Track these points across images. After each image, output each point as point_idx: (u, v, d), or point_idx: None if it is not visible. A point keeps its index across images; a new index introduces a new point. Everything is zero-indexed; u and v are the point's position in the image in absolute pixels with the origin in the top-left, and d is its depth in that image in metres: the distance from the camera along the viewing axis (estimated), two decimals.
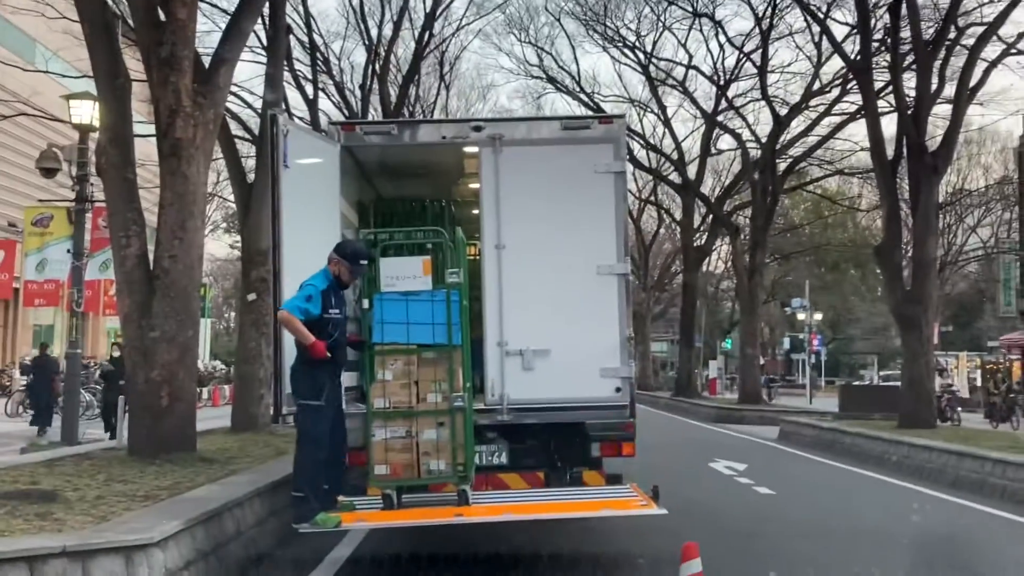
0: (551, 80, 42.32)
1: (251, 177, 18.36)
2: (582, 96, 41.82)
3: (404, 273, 8.35)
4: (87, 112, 17.46)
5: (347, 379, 9.06)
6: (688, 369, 45.51)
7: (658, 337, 76.34)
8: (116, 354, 19.08)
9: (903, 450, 17.56)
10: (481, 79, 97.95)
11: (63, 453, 12.86)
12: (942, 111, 25.20)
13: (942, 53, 23.10)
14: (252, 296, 17.18)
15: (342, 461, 8.44)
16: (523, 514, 8.24)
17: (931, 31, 23.50)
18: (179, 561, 7.27)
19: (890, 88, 25.77)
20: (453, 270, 8.47)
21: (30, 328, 44.00)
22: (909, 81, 24.57)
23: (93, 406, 26.51)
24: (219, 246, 63.22)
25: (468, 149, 10.45)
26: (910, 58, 24.56)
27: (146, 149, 15.80)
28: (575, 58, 71.81)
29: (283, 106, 21.22)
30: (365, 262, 8.49)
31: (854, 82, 29.85)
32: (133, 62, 13.87)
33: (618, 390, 9.67)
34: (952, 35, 23.42)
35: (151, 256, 12.26)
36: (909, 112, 22.30)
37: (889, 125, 25.22)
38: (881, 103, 26.78)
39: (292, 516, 7.89)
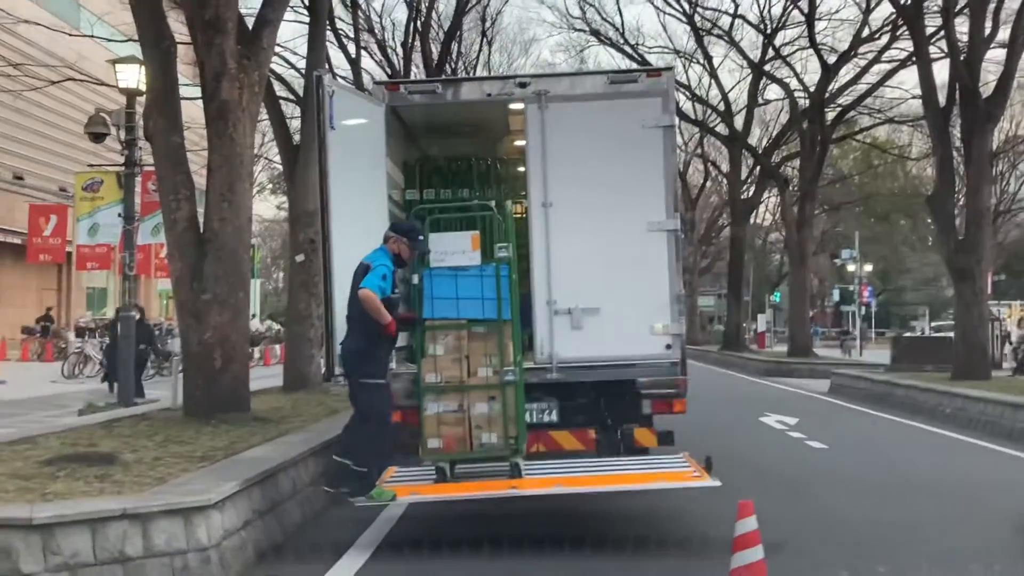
0: (594, 32, 41.83)
1: (296, 138, 18.39)
2: (626, 48, 41.35)
3: (453, 248, 8.36)
4: (133, 76, 17.51)
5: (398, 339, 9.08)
6: (736, 323, 45.23)
7: (705, 291, 75.88)
8: (135, 313, 18.85)
9: (957, 402, 17.37)
10: (523, 33, 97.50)
11: (120, 414, 13.06)
12: (996, 56, 24.60)
13: None
14: (300, 257, 17.27)
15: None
16: (575, 486, 8.24)
17: None
18: (237, 522, 7.37)
19: (942, 33, 25.18)
20: (502, 244, 8.45)
21: (83, 291, 44.68)
22: (961, 26, 24.00)
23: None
24: (266, 207, 63.69)
25: (513, 106, 10.37)
26: (962, 1, 23.99)
27: (193, 112, 15.87)
28: (619, 9, 70.98)
29: (327, 66, 21.19)
30: (422, 237, 8.50)
31: (904, 28, 29.23)
32: (178, 25, 13.88)
33: (668, 347, 9.64)
34: None
35: (200, 219, 12.34)
36: (962, 58, 21.81)
37: (941, 71, 24.70)
38: (932, 49, 26.19)
39: (349, 489, 7.89)
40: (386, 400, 8.15)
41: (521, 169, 11.43)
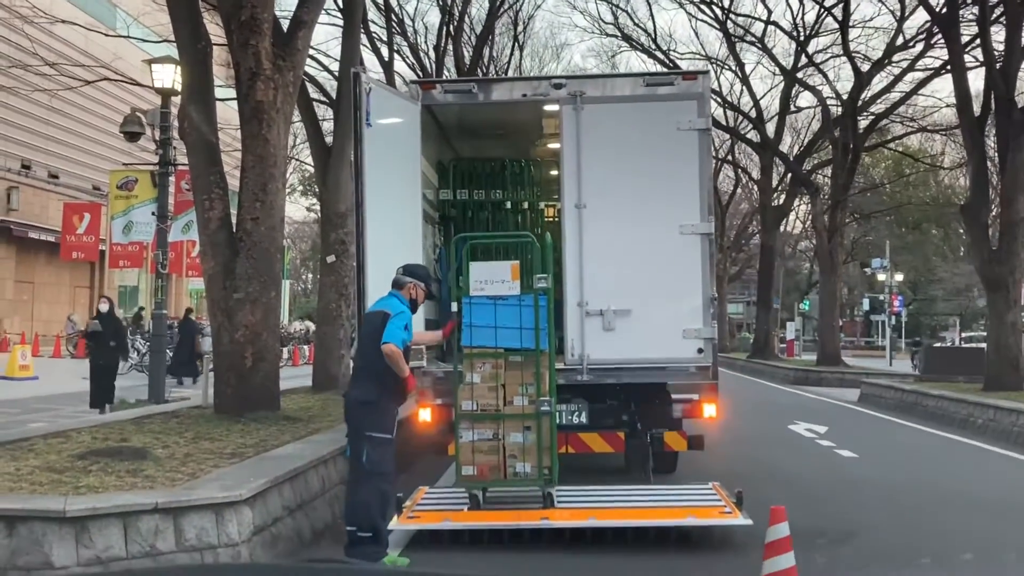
0: (626, 38, 41.74)
1: (329, 140, 18.45)
2: (657, 54, 41.21)
3: (493, 277, 8.29)
4: (168, 76, 17.63)
5: (429, 338, 9.09)
6: (766, 330, 44.94)
7: (734, 299, 75.60)
8: (104, 309, 17.60)
9: (989, 413, 17.19)
10: (555, 38, 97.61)
11: (151, 411, 13.13)
12: None
13: None
14: (331, 258, 17.31)
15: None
16: (608, 520, 8.04)
17: None
18: (267, 518, 7.40)
19: (977, 42, 24.96)
20: (542, 275, 8.36)
21: (115, 289, 45.02)
22: (997, 35, 23.79)
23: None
24: (296, 208, 64.01)
25: (548, 107, 10.38)
26: (999, 10, 23.78)
27: (226, 114, 15.95)
28: (651, 15, 71.21)
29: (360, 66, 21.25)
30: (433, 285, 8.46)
31: (939, 36, 28.99)
32: (213, 26, 13.97)
33: (700, 351, 9.61)
34: None
35: (233, 219, 12.40)
36: (997, 67, 21.61)
37: (976, 80, 24.51)
38: (967, 58, 25.98)
39: (359, 559, 7.17)
40: (391, 457, 7.59)
41: (554, 172, 11.45)
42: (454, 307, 8.43)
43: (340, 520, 8.77)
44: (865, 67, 36.83)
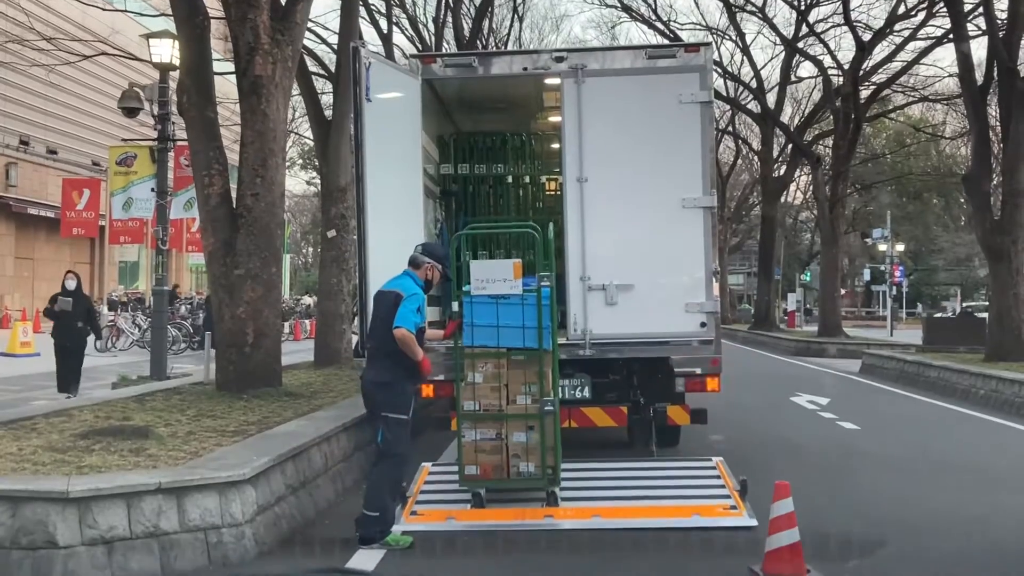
0: (626, 8, 41.46)
1: (329, 114, 18.36)
2: (658, 25, 40.98)
3: (494, 276, 7.99)
4: (167, 51, 17.54)
5: (432, 314, 9.05)
6: (766, 302, 44.95)
7: (735, 270, 75.61)
8: (71, 285, 15.82)
9: (991, 384, 17.17)
10: (554, 9, 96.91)
11: (153, 388, 13.13)
12: None
13: None
14: (332, 232, 17.26)
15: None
16: (612, 519, 7.79)
17: None
18: (270, 497, 7.38)
19: (980, 10, 24.79)
20: (544, 275, 8.03)
21: (116, 265, 45.00)
22: (1000, 2, 23.64)
23: (179, 340, 27.11)
24: (296, 182, 63.90)
25: (549, 81, 10.32)
26: None
27: (225, 88, 15.86)
28: None
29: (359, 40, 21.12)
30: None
31: (941, 5, 28.83)
32: (211, 0, 13.86)
33: (703, 325, 9.60)
34: None
35: (233, 194, 12.35)
36: (1001, 35, 21.46)
37: (978, 49, 24.35)
38: (969, 27, 25.80)
39: (360, 534, 7.21)
40: (406, 438, 7.48)
41: (555, 145, 11.39)
42: (455, 306, 8.17)
43: (341, 498, 8.80)
44: (867, 36, 36.62)
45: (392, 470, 7.48)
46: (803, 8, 38.65)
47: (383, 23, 28.49)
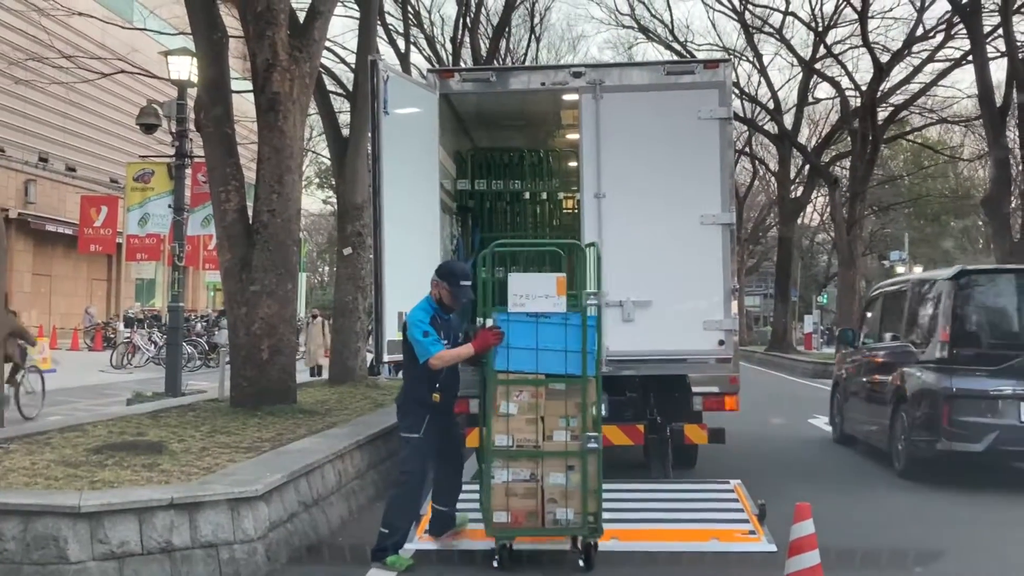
0: (643, 29, 41.50)
1: (346, 132, 18.38)
2: (675, 46, 40.93)
3: (535, 292, 7.06)
4: (185, 68, 17.60)
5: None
6: (783, 323, 44.72)
7: (751, 291, 75.34)
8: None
9: None
10: (571, 30, 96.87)
11: (167, 404, 13.09)
12: None
13: None
14: (348, 250, 17.24)
15: (458, 485, 7.67)
16: (631, 542, 7.36)
17: None
18: (283, 513, 7.31)
19: (999, 32, 24.71)
20: (591, 291, 7.20)
21: (132, 282, 45.14)
22: (1019, 24, 23.58)
23: (195, 358, 27.11)
24: (312, 201, 63.84)
25: (567, 97, 10.28)
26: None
27: (243, 106, 15.90)
28: (668, 5, 70.28)
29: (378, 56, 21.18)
30: (468, 283, 7.33)
31: (959, 26, 28.75)
32: (229, 18, 13.91)
33: (721, 343, 9.50)
34: None
35: (250, 211, 12.34)
36: (1020, 56, 21.40)
37: (997, 71, 24.24)
38: (988, 48, 25.73)
39: (372, 549, 7.13)
40: (418, 458, 7.24)
41: (573, 163, 11.34)
42: (488, 323, 7.09)
43: (355, 516, 8.72)
44: (884, 58, 36.54)
45: (408, 491, 7.26)
46: (820, 29, 38.61)
47: (401, 42, 28.61)
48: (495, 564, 6.95)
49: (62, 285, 39.52)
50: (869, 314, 14.32)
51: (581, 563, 6.99)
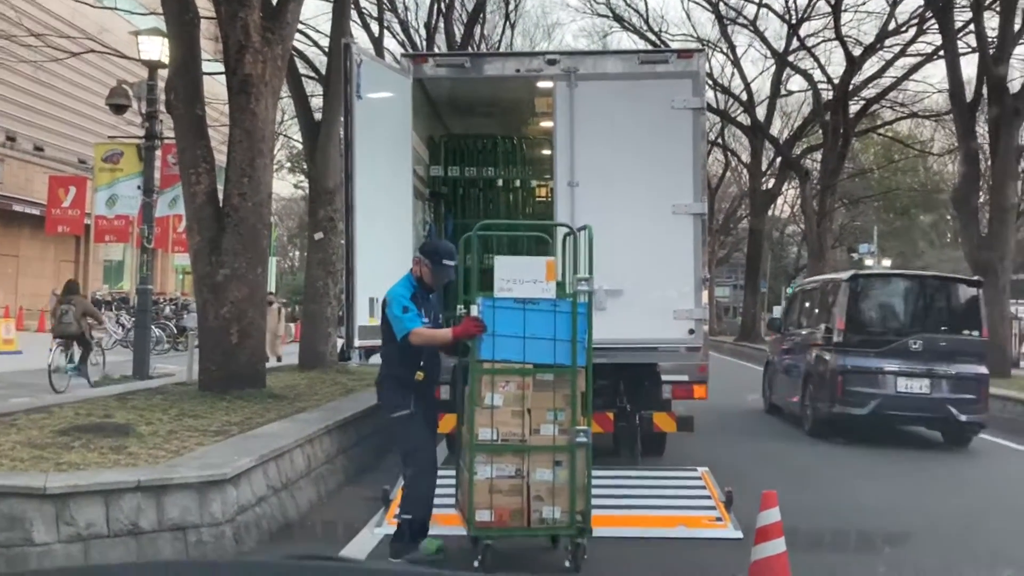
0: (618, 18, 41.50)
1: (318, 116, 18.27)
2: (649, 35, 40.96)
3: (523, 277, 6.67)
4: (156, 49, 17.42)
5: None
6: (753, 314, 44.98)
7: (721, 282, 75.65)
8: None
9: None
10: (546, 17, 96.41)
11: (135, 387, 13.01)
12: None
13: None
14: (319, 235, 17.17)
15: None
16: (603, 528, 7.12)
17: None
18: (251, 497, 7.29)
19: (970, 28, 24.90)
20: (583, 276, 6.91)
21: (100, 264, 44.73)
22: (991, 20, 23.74)
23: (163, 341, 26.91)
24: (283, 185, 63.52)
25: (541, 85, 10.27)
26: None
27: (214, 88, 15.75)
28: None
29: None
30: (451, 263, 7.05)
31: (931, 22, 28.95)
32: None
33: (691, 332, 9.55)
34: None
35: (220, 194, 12.25)
36: (991, 52, 21.56)
37: (968, 67, 24.44)
38: (960, 44, 25.91)
39: (395, 548, 6.76)
40: (413, 433, 6.92)
41: (546, 151, 11.33)
42: (474, 310, 6.69)
43: (324, 500, 8.71)
44: (857, 51, 36.74)
45: (411, 469, 6.88)
46: (794, 22, 38.75)
47: (374, 27, 28.41)
48: (476, 564, 6.49)
49: (29, 266, 39.09)
50: (793, 306, 17.46)
51: (567, 563, 6.71)
